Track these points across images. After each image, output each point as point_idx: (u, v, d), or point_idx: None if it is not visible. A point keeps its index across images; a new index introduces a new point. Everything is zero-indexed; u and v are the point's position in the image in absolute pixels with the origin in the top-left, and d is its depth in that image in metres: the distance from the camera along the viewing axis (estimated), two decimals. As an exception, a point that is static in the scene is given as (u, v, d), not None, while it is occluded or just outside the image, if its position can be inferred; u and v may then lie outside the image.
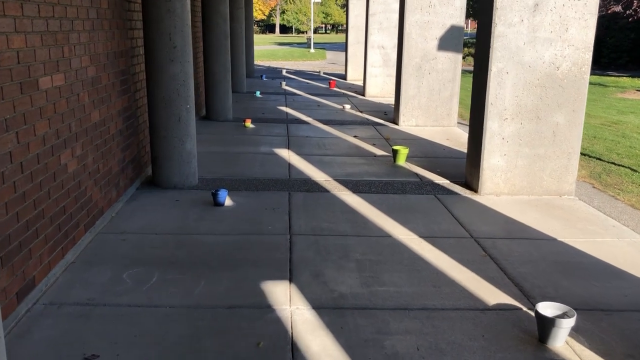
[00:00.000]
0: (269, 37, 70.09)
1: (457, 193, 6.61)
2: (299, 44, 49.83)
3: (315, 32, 78.84)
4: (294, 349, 3.40)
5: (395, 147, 8.01)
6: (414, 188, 6.75)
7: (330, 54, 36.52)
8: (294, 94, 15.18)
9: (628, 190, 7.24)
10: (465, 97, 14.94)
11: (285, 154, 8.25)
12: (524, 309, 3.93)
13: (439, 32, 10.54)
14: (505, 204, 6.23)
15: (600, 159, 8.71)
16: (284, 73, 21.74)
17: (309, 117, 11.57)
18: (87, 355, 3.24)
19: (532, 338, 3.56)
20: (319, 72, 22.38)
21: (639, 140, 10.16)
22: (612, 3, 27.33)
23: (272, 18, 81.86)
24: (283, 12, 79.85)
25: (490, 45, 6.24)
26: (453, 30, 10.56)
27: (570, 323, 3.46)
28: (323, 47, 44.92)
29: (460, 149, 8.91)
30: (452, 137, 9.94)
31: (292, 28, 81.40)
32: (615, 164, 8.44)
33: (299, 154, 8.26)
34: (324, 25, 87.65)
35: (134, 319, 3.66)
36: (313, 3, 51.81)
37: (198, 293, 4.04)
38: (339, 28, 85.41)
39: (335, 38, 64.59)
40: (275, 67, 25.58)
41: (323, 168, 7.52)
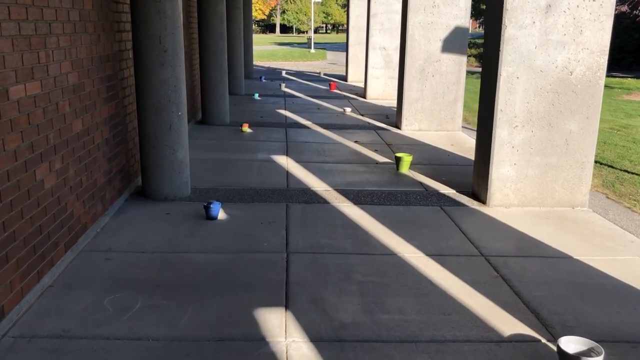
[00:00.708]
0: (269, 37, 69.73)
1: (464, 205, 6.25)
2: (299, 44, 49.46)
3: (316, 32, 78.46)
4: (289, 391, 3.05)
5: (399, 154, 7.65)
6: (419, 199, 6.39)
7: (331, 54, 36.16)
8: (294, 96, 14.83)
9: (643, 201, 6.89)
10: (469, 99, 14.61)
11: (284, 161, 7.89)
12: (543, 341, 3.57)
13: (443, 33, 10.18)
14: (516, 217, 5.88)
15: (612, 167, 8.34)
16: (284, 74, 21.39)
17: (309, 120, 11.22)
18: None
19: (553, 377, 3.22)
20: (319, 73, 22.02)
21: (651, 146, 9.80)
22: (618, 3, 26.96)
23: (272, 18, 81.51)
24: (283, 11, 79.49)
25: (500, 49, 5.88)
26: (457, 32, 10.21)
27: (598, 362, 3.11)
28: (323, 47, 44.55)
29: (466, 156, 8.56)
30: (456, 142, 9.59)
31: (292, 28, 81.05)
32: (629, 172, 8.08)
33: (298, 161, 7.91)
34: (325, 25, 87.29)
35: (113, 355, 3.31)
36: (313, 3, 51.43)
37: (185, 322, 3.68)
38: (340, 28, 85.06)
39: (336, 38, 64.23)
40: (275, 67, 25.22)
41: (323, 177, 7.17)
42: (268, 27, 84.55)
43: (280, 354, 3.36)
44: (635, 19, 26.31)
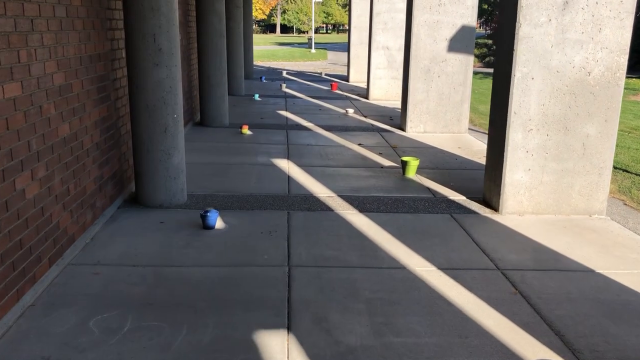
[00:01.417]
0: (270, 37, 69.40)
1: (475, 212, 5.93)
2: (300, 44, 49.13)
3: (316, 32, 78.16)
4: None
5: (405, 158, 7.33)
6: (427, 206, 6.07)
7: (332, 54, 35.84)
8: (295, 97, 14.50)
9: (662, 207, 6.56)
10: (474, 100, 14.29)
11: (285, 165, 7.57)
12: (571, 368, 3.26)
13: (449, 32, 9.85)
14: (531, 226, 5.55)
15: (627, 171, 8.02)
16: (285, 74, 21.06)
17: (310, 122, 10.89)
18: None
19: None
20: (321, 73, 21.69)
21: (664, 149, 9.48)
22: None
23: (272, 18, 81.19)
24: (284, 11, 79.17)
25: (514, 48, 5.56)
26: (464, 31, 9.88)
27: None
28: (324, 47, 44.22)
29: (474, 159, 8.23)
30: (463, 145, 9.26)
31: (293, 28, 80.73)
32: (644, 177, 7.75)
33: (300, 165, 7.59)
34: (325, 25, 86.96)
35: (97, 385, 2.99)
36: (314, 3, 51.10)
37: (178, 346, 3.36)
38: (340, 28, 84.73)
39: (337, 38, 63.90)
40: (276, 68, 24.90)
41: (326, 182, 6.84)
42: (268, 27, 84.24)
43: (282, 385, 3.04)
44: (641, 19, 25.93)
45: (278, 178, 6.96)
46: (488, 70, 24.67)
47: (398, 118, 11.41)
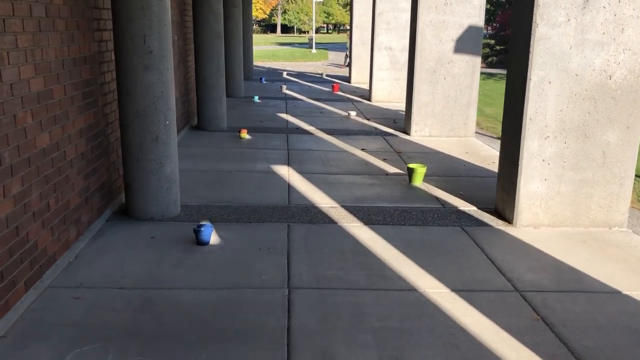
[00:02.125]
0: (270, 37, 69.02)
1: (487, 224, 5.55)
2: (301, 44, 48.75)
3: (317, 32, 77.70)
4: None
5: (411, 165, 6.95)
6: (437, 217, 5.69)
7: (332, 55, 35.46)
8: (295, 99, 14.13)
9: (684, 218, 6.19)
10: (479, 102, 13.90)
11: (285, 172, 7.20)
12: (607, 413, 2.88)
13: (456, 32, 9.47)
14: (548, 240, 5.18)
15: (644, 178, 7.64)
16: (285, 75, 20.69)
17: (312, 125, 10.52)
18: None
19: None
20: (322, 74, 21.31)
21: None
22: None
23: (273, 18, 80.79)
24: (284, 11, 78.78)
25: (530, 50, 5.19)
26: (471, 31, 9.50)
27: None
28: (325, 47, 43.84)
29: (482, 165, 7.86)
30: (470, 149, 8.89)
31: (293, 28, 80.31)
32: (663, 184, 7.38)
33: (300, 172, 7.22)
34: (326, 25, 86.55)
35: None
36: (315, 3, 50.70)
37: (164, 386, 2.99)
38: (341, 28, 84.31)
39: (337, 38, 63.48)
40: (276, 68, 24.53)
41: (328, 191, 6.47)
42: (269, 27, 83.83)
43: None
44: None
45: (277, 187, 6.58)
46: (491, 71, 24.29)
47: (402, 121, 11.03)
